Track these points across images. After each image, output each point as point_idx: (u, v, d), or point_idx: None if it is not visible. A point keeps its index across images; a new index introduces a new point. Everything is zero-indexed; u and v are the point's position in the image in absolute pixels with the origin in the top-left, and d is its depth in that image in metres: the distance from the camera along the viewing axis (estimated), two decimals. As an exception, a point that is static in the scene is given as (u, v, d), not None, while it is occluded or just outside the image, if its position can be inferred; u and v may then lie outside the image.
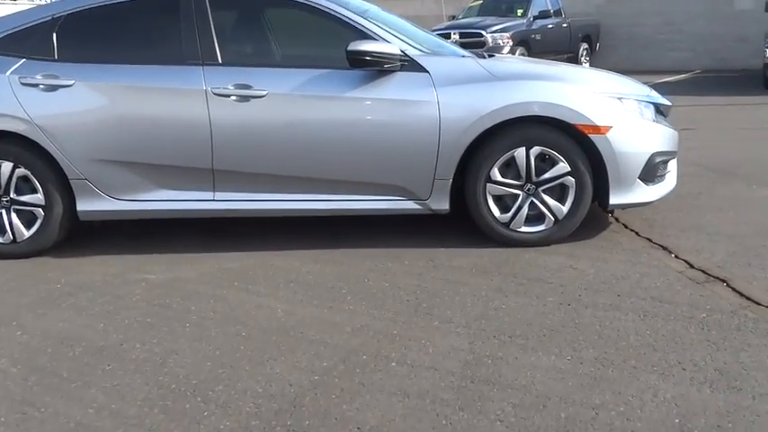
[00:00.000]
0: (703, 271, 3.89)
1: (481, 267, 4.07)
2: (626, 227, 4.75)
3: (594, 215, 4.77)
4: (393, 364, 3.00)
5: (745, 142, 7.69)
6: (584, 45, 16.58)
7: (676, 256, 4.15)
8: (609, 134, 4.20)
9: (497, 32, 13.92)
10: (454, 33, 14.00)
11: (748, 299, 3.50)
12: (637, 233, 4.61)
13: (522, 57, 12.75)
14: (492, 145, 4.28)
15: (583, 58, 16.34)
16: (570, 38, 15.89)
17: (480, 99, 4.24)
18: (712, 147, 7.48)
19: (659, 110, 4.64)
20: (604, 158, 4.22)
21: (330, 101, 4.30)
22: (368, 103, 4.28)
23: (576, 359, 2.98)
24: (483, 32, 13.90)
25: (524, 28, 14.60)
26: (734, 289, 3.63)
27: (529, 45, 14.47)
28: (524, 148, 4.26)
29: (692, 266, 3.97)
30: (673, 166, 4.67)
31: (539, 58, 10.98)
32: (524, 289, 3.74)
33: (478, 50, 5.44)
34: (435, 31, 12.16)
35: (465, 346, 3.13)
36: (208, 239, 4.76)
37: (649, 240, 4.45)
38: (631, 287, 3.70)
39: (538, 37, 14.75)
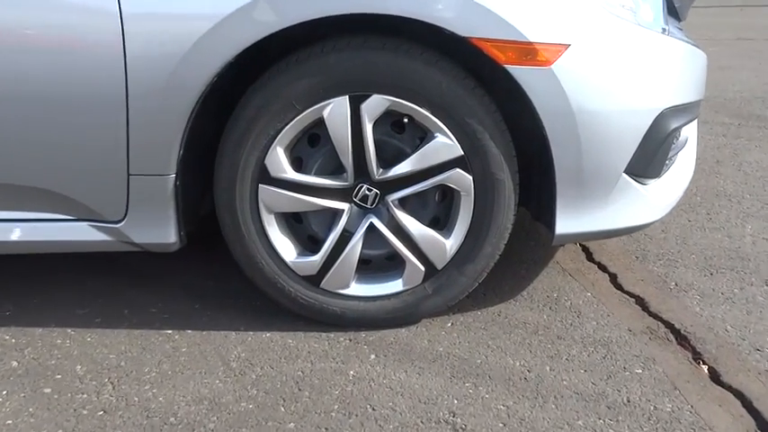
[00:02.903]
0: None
1: None
2: (591, 259, 2.25)
3: (528, 222, 2.28)
4: None
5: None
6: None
7: (713, 376, 1.68)
8: (559, 65, 1.63)
9: None
10: None
11: None
12: (614, 279, 2.12)
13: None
14: (264, 93, 1.70)
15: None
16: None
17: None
18: (733, 70, 4.96)
19: (671, 6, 2.09)
20: (546, 126, 1.67)
21: None
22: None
23: None
24: None
25: None
26: None
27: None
28: (346, 98, 1.68)
29: None
30: (691, 130, 2.13)
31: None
32: None
33: None
34: None
35: None
36: None
37: (643, 308, 1.97)
38: None
39: None
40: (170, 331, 1.89)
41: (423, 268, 1.80)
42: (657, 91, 1.76)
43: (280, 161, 1.72)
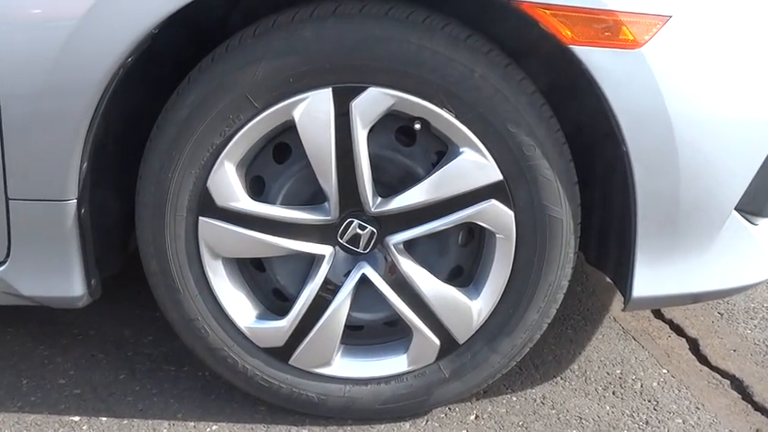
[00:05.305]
0: None
1: None
2: (659, 315, 1.69)
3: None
4: None
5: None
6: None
7: None
8: (652, 48, 1.07)
9: None
10: None
11: None
12: (695, 347, 1.56)
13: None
14: (204, 83, 1.13)
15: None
16: None
17: None
18: None
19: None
20: (627, 137, 1.10)
21: None
22: None
23: None
24: None
25: None
26: None
27: None
28: (329, 91, 1.11)
29: None
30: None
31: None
32: None
33: None
34: None
35: None
36: None
37: (744, 395, 1.41)
38: None
39: None
40: (77, 418, 1.33)
41: (437, 341, 1.24)
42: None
43: (229, 184, 1.16)
